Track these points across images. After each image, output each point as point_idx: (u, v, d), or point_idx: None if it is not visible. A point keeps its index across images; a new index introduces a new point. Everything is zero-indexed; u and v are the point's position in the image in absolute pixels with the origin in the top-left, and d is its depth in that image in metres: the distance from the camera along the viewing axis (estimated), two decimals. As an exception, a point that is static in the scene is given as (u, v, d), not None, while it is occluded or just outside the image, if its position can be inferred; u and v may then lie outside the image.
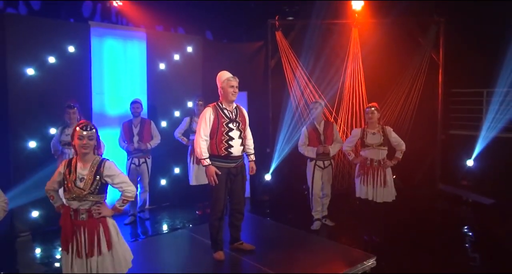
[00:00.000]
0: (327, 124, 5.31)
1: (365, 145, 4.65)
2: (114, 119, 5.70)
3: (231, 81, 3.75)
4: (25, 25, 4.99)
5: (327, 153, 5.11)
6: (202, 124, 3.71)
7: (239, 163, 3.85)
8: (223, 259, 3.80)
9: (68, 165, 2.81)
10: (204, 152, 3.69)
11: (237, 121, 3.79)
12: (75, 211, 2.80)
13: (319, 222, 5.28)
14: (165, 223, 5.77)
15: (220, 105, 3.80)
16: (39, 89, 5.03)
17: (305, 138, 5.19)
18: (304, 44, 6.83)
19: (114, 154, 5.50)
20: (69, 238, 2.77)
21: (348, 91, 6.84)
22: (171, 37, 6.55)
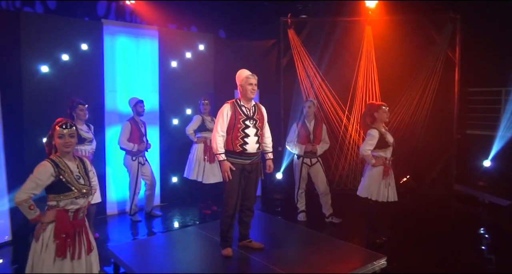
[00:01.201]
0: (317, 123, 5.43)
1: (388, 145, 4.48)
2: (126, 116, 5.71)
3: (250, 79, 3.77)
4: (39, 23, 5.06)
5: (315, 152, 5.28)
6: (219, 120, 3.75)
7: (254, 160, 3.85)
8: (231, 255, 3.79)
9: (57, 165, 2.70)
10: (220, 147, 3.72)
11: (255, 119, 3.80)
12: (76, 211, 2.76)
13: (304, 213, 5.53)
14: (175, 220, 5.79)
15: (239, 102, 3.82)
16: (53, 86, 5.09)
17: (294, 134, 5.35)
18: (317, 42, 6.78)
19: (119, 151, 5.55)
20: (72, 241, 2.72)
21: (361, 90, 6.74)
22: (183, 35, 6.58)
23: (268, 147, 4.04)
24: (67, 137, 2.73)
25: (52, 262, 2.68)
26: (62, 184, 2.70)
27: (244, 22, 7.69)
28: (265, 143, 4.00)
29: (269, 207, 6.44)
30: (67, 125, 2.75)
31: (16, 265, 4.22)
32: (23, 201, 2.64)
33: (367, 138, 4.47)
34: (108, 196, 5.83)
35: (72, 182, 2.73)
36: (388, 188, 4.47)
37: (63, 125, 2.74)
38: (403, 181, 6.76)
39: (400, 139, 6.51)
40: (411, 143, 6.71)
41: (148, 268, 3.55)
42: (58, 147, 2.75)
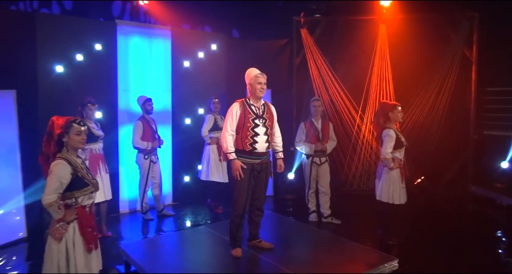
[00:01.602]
0: (324, 121, 5.42)
1: (403, 145, 4.40)
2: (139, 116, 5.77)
3: (259, 77, 3.77)
4: (55, 24, 5.15)
5: (324, 150, 5.28)
6: (228, 119, 3.75)
7: (264, 159, 3.83)
8: (241, 256, 3.78)
9: (70, 164, 2.76)
10: (230, 146, 3.72)
11: (264, 117, 3.79)
12: (90, 207, 2.84)
13: (316, 213, 5.48)
14: (187, 219, 5.81)
15: (248, 101, 3.82)
16: (67, 86, 5.16)
17: (302, 133, 5.33)
18: (330, 42, 6.72)
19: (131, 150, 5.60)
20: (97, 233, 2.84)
21: (374, 89, 6.66)
22: (195, 35, 6.61)
23: (278, 146, 4.02)
24: (83, 134, 2.81)
25: (84, 257, 2.77)
26: (80, 180, 2.76)
27: (257, 22, 7.68)
28: (275, 142, 3.98)
29: (280, 207, 6.41)
30: (83, 123, 2.85)
31: (30, 262, 4.30)
32: (53, 202, 2.65)
33: (386, 139, 4.32)
34: (121, 194, 5.89)
35: (86, 177, 2.80)
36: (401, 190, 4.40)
37: (81, 123, 2.82)
38: (418, 181, 6.66)
39: (415, 139, 6.46)
40: (426, 143, 6.60)
41: (157, 267, 3.57)
42: (73, 144, 2.80)
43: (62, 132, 2.79)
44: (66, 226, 2.73)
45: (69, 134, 2.78)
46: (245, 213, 3.82)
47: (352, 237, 4.49)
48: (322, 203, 5.42)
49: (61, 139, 2.79)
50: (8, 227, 4.65)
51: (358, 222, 5.43)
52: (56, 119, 2.84)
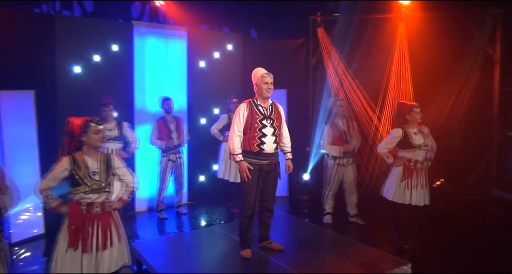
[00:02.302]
0: (348, 122, 5.29)
1: (412, 146, 4.32)
2: (155, 116, 5.82)
3: (265, 77, 3.72)
4: (73, 26, 5.26)
5: (352, 151, 5.14)
6: (236, 120, 3.73)
7: (272, 160, 3.80)
8: (250, 257, 3.76)
9: (74, 161, 2.86)
10: (236, 148, 3.70)
11: (272, 118, 3.75)
12: (88, 205, 2.87)
13: (330, 215, 5.36)
14: (201, 218, 5.85)
15: (255, 101, 3.79)
16: (85, 86, 5.28)
17: (328, 136, 5.15)
18: (347, 41, 6.61)
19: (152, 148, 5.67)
20: (82, 234, 2.83)
21: (393, 89, 6.51)
22: (211, 35, 6.64)
23: (286, 147, 3.98)
24: (101, 133, 2.93)
25: (65, 250, 2.84)
26: (74, 179, 2.87)
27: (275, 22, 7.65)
28: (284, 142, 3.94)
29: (296, 208, 6.36)
30: (101, 122, 2.95)
31: (46, 258, 4.40)
32: (41, 191, 2.90)
33: (387, 136, 4.46)
34: (137, 193, 5.96)
35: (83, 177, 2.85)
36: (412, 191, 4.29)
37: (98, 122, 2.93)
38: (437, 184, 6.46)
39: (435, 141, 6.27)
40: (447, 144, 6.37)
41: (167, 266, 3.60)
42: (92, 142, 2.90)
43: (81, 132, 2.90)
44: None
45: (88, 133, 2.89)
46: (254, 214, 3.80)
47: (367, 240, 4.42)
48: (349, 203, 5.36)
49: (80, 138, 2.90)
50: (27, 223, 4.78)
51: (374, 224, 5.32)
52: (73, 120, 2.95)
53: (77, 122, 2.92)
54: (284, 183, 6.84)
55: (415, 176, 4.29)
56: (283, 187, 6.85)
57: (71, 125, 2.90)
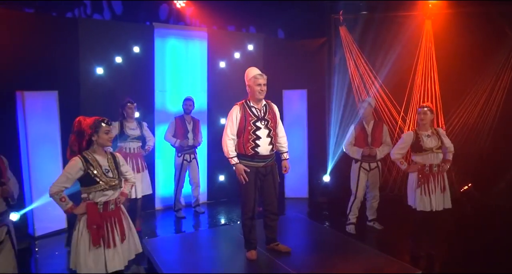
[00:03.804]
0: (377, 124, 4.99)
1: (423, 149, 4.12)
2: (174, 115, 5.94)
3: (258, 79, 3.63)
4: (96, 28, 5.46)
5: (373, 156, 4.85)
6: (228, 123, 3.67)
7: (269, 162, 3.74)
8: (255, 258, 3.74)
9: (86, 160, 2.91)
10: (231, 151, 3.65)
11: (266, 119, 3.68)
12: (105, 204, 2.95)
13: (354, 226, 5.06)
14: (219, 218, 5.89)
15: (248, 103, 3.71)
16: (107, 87, 5.46)
17: (351, 137, 4.96)
18: (370, 40, 6.44)
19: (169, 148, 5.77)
20: (103, 231, 2.92)
21: (418, 89, 6.28)
22: (231, 36, 6.66)
23: (283, 147, 3.89)
24: (111, 133, 3.01)
25: (88, 250, 2.89)
26: (90, 177, 2.91)
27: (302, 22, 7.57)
28: (280, 142, 3.85)
29: (316, 210, 6.24)
30: (110, 122, 3.04)
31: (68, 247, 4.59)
32: (54, 194, 2.89)
33: (399, 141, 4.29)
34: (157, 191, 6.11)
35: (99, 175, 2.93)
36: (430, 196, 4.10)
37: (109, 122, 3.01)
38: (464, 189, 6.16)
39: (463, 143, 6.01)
40: (476, 148, 6.11)
41: (171, 264, 3.65)
42: (102, 142, 2.98)
43: (92, 132, 2.96)
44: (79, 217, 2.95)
45: (99, 133, 2.96)
46: (255, 215, 3.75)
47: (383, 245, 4.29)
48: (369, 207, 5.16)
49: (91, 137, 2.97)
50: (50, 217, 4.99)
51: (394, 229, 5.12)
52: (83, 119, 3.01)
53: (88, 122, 2.98)
54: (304, 184, 6.77)
55: (432, 181, 4.10)
56: (303, 189, 6.78)
57: (81, 125, 2.96)
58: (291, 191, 6.81)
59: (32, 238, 4.93)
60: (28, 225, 4.97)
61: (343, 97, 6.46)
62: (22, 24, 4.93)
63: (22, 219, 4.76)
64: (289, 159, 3.96)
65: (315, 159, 6.71)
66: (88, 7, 6.15)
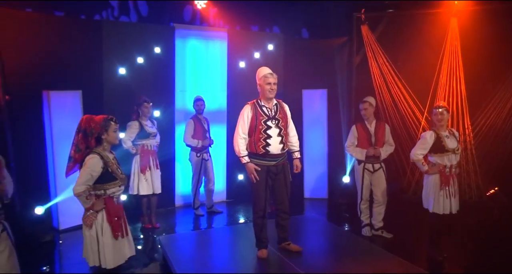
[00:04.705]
0: (379, 124, 4.84)
1: (445, 150, 4.00)
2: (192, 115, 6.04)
3: (268, 78, 3.67)
4: (119, 30, 5.63)
5: (378, 156, 4.71)
6: (240, 122, 3.73)
7: (280, 161, 3.75)
8: (265, 257, 3.76)
9: (102, 158, 2.99)
10: (242, 150, 3.70)
11: (277, 118, 3.70)
12: (117, 198, 3.08)
13: (369, 227, 4.90)
14: (237, 216, 5.95)
15: (259, 102, 3.76)
16: (129, 87, 5.61)
17: (353, 137, 4.84)
18: (393, 38, 6.32)
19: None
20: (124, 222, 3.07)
21: (443, 89, 6.09)
22: (251, 36, 6.70)
23: (294, 146, 3.90)
24: (117, 131, 3.09)
25: (112, 243, 3.01)
26: (109, 174, 3.01)
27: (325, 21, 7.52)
28: (291, 142, 3.86)
29: (335, 212, 6.15)
30: (116, 121, 3.09)
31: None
32: (82, 193, 2.91)
33: (420, 141, 4.12)
34: (177, 189, 6.22)
35: (115, 171, 3.04)
36: (451, 199, 3.98)
37: (116, 121, 3.08)
38: (491, 192, 5.92)
39: (490, 145, 5.81)
40: (504, 150, 5.86)
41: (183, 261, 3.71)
42: (110, 140, 3.06)
43: (102, 130, 3.03)
44: (96, 214, 2.98)
45: (108, 131, 3.04)
46: (266, 214, 3.78)
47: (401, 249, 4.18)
48: (375, 214, 4.91)
49: (100, 135, 3.04)
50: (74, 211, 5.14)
51: (412, 232, 4.99)
52: (90, 118, 3.07)
53: (97, 120, 3.03)
54: (324, 185, 6.71)
55: (451, 183, 3.98)
56: (323, 189, 6.73)
57: (88, 123, 3.02)
58: (310, 192, 6.78)
59: (57, 231, 5.13)
60: (53, 218, 5.19)
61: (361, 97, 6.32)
62: (49, 27, 5.16)
63: (47, 213, 5.01)
64: (300, 158, 3.97)
65: (335, 159, 6.64)
66: (116, 9, 6.36)
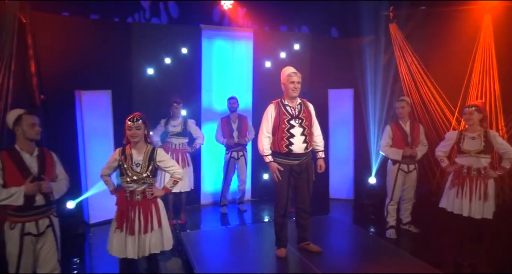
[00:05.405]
0: (414, 124, 4.83)
1: (461, 151, 3.94)
2: (220, 114, 6.11)
3: (291, 77, 3.71)
4: (148, 32, 5.80)
5: (414, 156, 4.67)
6: (264, 121, 3.78)
7: (303, 160, 3.76)
8: (284, 256, 3.79)
9: (123, 153, 3.18)
10: (266, 149, 3.73)
11: (300, 117, 3.71)
12: (131, 193, 3.17)
13: (394, 229, 4.82)
14: (261, 215, 5.97)
15: (283, 101, 3.80)
16: (157, 87, 5.76)
17: (388, 137, 4.79)
18: (423, 37, 6.15)
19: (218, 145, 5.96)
20: (126, 217, 3.14)
21: (475, 88, 5.85)
22: (277, 36, 6.70)
23: (318, 146, 3.90)
24: (134, 129, 3.17)
25: (113, 231, 3.19)
26: (121, 168, 3.20)
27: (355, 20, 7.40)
28: (315, 141, 3.86)
29: (361, 213, 6.05)
30: (134, 119, 3.20)
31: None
32: (101, 176, 3.37)
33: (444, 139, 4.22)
34: (203, 187, 6.34)
35: (127, 168, 3.16)
36: (462, 200, 3.89)
37: (131, 119, 3.21)
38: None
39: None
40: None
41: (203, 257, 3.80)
42: (128, 137, 3.22)
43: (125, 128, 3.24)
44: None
45: (126, 130, 3.24)
46: (287, 213, 3.80)
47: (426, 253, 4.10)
48: (403, 210, 4.96)
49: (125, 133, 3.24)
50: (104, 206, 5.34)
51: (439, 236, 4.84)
52: None
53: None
54: (350, 185, 6.63)
55: (467, 184, 3.85)
56: (349, 190, 6.65)
57: None
58: (336, 192, 6.72)
59: (87, 224, 5.37)
60: (84, 212, 5.42)
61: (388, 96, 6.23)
62: (82, 30, 5.38)
63: (78, 207, 5.24)
64: (325, 158, 3.99)
65: (361, 160, 6.55)
66: (147, 11, 6.55)
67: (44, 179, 2.90)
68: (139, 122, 3.18)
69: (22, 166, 2.87)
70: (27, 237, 2.89)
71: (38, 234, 2.94)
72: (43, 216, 2.97)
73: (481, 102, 4.18)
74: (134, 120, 3.17)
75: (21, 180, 2.84)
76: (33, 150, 2.97)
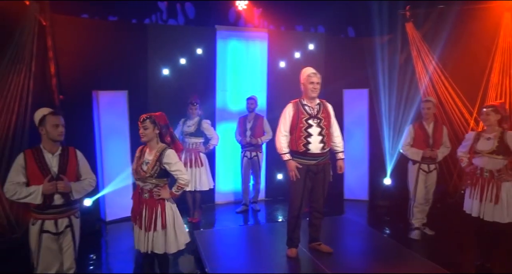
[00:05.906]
0: (437, 125, 4.75)
1: (475, 152, 3.90)
2: (235, 114, 6.18)
3: (311, 77, 3.73)
4: (163, 33, 5.89)
5: (434, 158, 4.64)
6: (282, 120, 3.82)
7: (320, 160, 3.76)
8: (295, 256, 3.80)
9: (141, 150, 3.26)
10: (284, 147, 3.76)
11: (319, 117, 3.72)
12: (141, 190, 3.24)
13: (419, 231, 4.77)
14: (275, 215, 5.99)
15: (302, 101, 3.82)
16: (172, 87, 5.86)
17: (409, 137, 4.76)
18: (440, 36, 6.03)
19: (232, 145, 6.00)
20: (136, 211, 3.22)
21: (494, 89, 5.72)
22: (292, 36, 6.70)
23: (337, 146, 3.90)
24: (142, 129, 3.21)
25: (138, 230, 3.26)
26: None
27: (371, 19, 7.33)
28: (334, 142, 3.86)
29: (376, 214, 6.00)
30: (141, 119, 3.23)
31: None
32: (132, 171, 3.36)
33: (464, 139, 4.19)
34: (217, 187, 6.38)
35: (135, 166, 3.24)
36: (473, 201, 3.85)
37: (139, 120, 3.24)
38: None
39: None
40: None
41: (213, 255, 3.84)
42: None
43: None
44: None
45: None
46: (301, 214, 3.80)
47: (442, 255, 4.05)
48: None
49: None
50: (118, 204, 5.48)
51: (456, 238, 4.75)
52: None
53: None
54: (365, 186, 6.58)
55: (479, 185, 3.79)
56: (363, 191, 6.60)
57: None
58: (351, 193, 6.67)
59: (104, 222, 5.49)
60: (100, 210, 5.54)
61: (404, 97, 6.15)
62: (100, 32, 5.51)
63: (95, 205, 5.36)
64: (344, 159, 3.99)
65: (376, 160, 6.49)
66: (164, 13, 6.64)
67: (62, 179, 2.96)
68: (146, 122, 3.18)
69: (43, 165, 2.93)
70: (46, 234, 2.95)
71: (56, 233, 2.99)
72: (62, 215, 3.01)
73: (499, 103, 4.08)
74: (141, 120, 3.21)
75: (41, 179, 2.90)
76: (57, 149, 3.02)
